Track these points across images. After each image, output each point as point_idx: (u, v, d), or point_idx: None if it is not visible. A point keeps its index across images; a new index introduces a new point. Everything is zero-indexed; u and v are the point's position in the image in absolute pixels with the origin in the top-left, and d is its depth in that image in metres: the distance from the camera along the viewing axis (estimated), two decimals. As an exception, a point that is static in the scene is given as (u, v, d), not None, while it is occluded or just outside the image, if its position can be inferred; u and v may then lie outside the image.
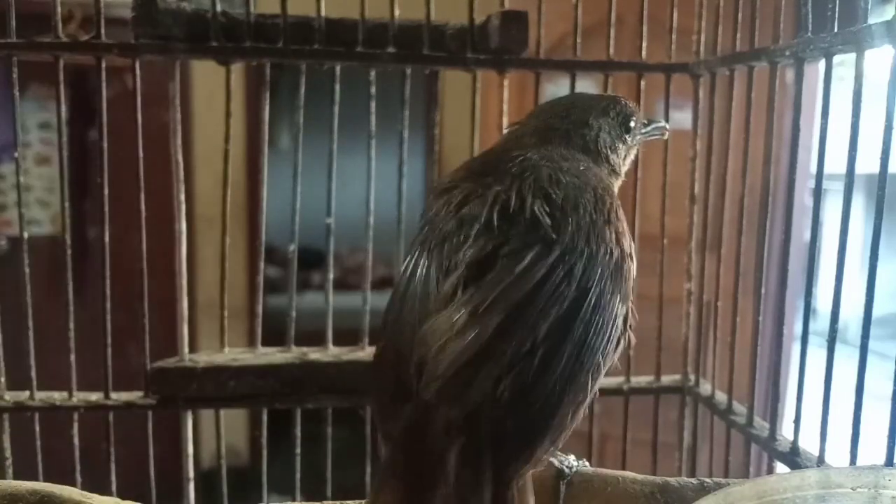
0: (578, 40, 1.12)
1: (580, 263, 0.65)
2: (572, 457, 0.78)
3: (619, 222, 0.72)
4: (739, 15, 1.03)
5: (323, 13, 1.06)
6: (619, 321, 0.67)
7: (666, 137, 0.97)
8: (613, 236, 0.69)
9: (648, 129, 0.91)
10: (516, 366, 0.60)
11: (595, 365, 0.64)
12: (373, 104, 1.11)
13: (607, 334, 0.65)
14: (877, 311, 0.78)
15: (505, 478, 0.59)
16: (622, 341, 0.69)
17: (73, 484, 0.85)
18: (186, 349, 1.11)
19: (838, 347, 0.82)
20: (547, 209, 0.68)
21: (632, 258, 0.71)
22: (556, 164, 0.73)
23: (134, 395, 1.09)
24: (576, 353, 0.62)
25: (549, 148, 0.77)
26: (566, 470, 0.76)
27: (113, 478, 1.06)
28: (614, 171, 0.84)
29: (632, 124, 0.86)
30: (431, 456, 0.58)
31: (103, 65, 1.02)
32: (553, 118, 0.84)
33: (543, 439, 0.61)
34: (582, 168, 0.75)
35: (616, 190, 0.83)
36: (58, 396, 1.07)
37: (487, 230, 0.67)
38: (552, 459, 0.76)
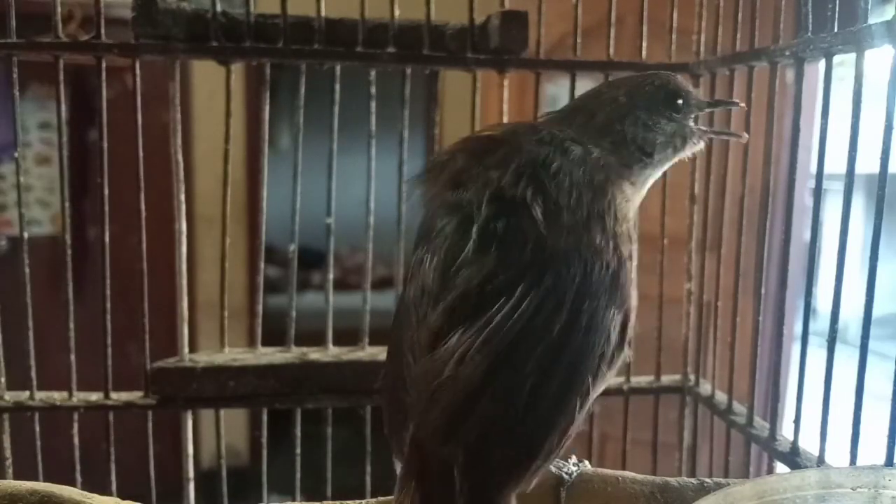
0: (578, 40, 1.12)
1: (572, 289, 0.62)
2: (573, 459, 0.78)
3: (619, 224, 0.67)
4: (739, 15, 1.03)
5: (323, 13, 1.06)
6: (614, 335, 0.65)
7: (743, 140, 0.87)
8: (611, 244, 0.65)
9: (715, 131, 0.83)
10: (504, 405, 0.60)
11: (585, 388, 0.63)
12: (373, 104, 1.11)
13: (598, 353, 0.63)
14: (877, 311, 0.78)
15: (497, 497, 0.60)
16: (619, 354, 0.66)
17: (73, 484, 0.85)
18: (186, 349, 1.11)
19: (838, 347, 0.82)
20: (540, 205, 0.64)
21: (630, 259, 0.68)
22: (561, 148, 0.69)
23: (134, 395, 1.09)
24: (565, 381, 0.62)
25: (566, 127, 0.73)
26: (566, 477, 0.76)
27: (113, 478, 1.06)
28: (642, 158, 0.75)
29: (679, 101, 0.77)
30: (432, 479, 0.61)
31: (103, 65, 1.02)
32: (587, 97, 0.79)
33: (532, 464, 0.61)
34: (594, 155, 0.70)
35: (641, 179, 0.75)
36: (58, 396, 1.07)
37: (480, 247, 0.64)
38: (552, 468, 0.76)
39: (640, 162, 0.75)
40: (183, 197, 1.11)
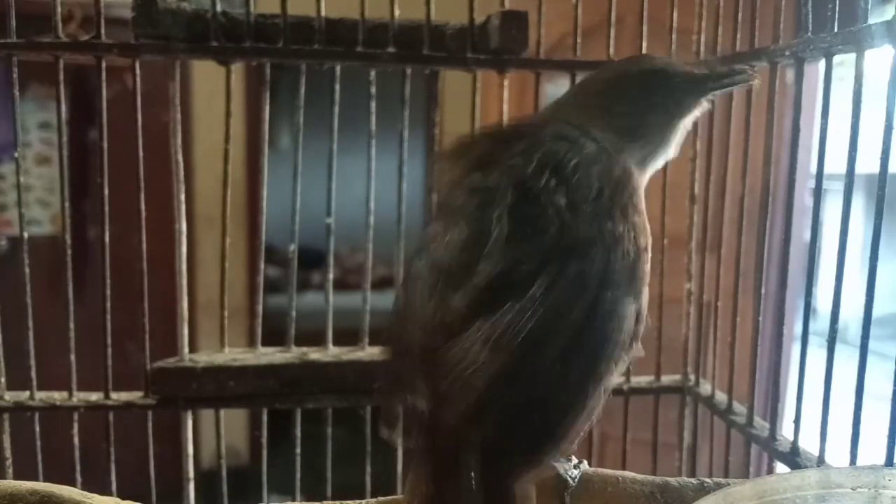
0: (578, 40, 1.12)
1: (594, 276, 0.63)
2: (574, 461, 0.78)
3: (637, 214, 0.68)
4: (739, 15, 1.03)
5: (323, 13, 1.06)
6: (630, 323, 0.66)
7: (756, 84, 0.80)
8: (631, 233, 0.67)
9: (721, 81, 0.77)
10: (530, 390, 0.61)
11: (603, 374, 0.64)
12: (373, 104, 1.11)
13: (617, 340, 0.64)
14: (877, 311, 0.78)
15: (512, 482, 0.61)
16: (632, 342, 0.67)
17: (73, 484, 0.85)
18: (186, 349, 1.11)
19: (838, 347, 0.82)
20: (564, 197, 0.65)
21: (646, 250, 0.69)
22: (577, 144, 0.69)
23: (134, 395, 1.09)
24: (586, 367, 0.63)
25: (572, 118, 0.73)
26: (570, 481, 0.76)
27: (113, 478, 1.06)
28: (637, 141, 0.75)
29: (669, 81, 0.76)
30: (449, 462, 0.61)
31: (103, 65, 1.02)
32: (578, 87, 0.81)
33: (551, 449, 0.63)
34: (607, 148, 0.71)
35: (644, 162, 0.76)
36: (58, 396, 1.07)
37: (506, 234, 0.64)
38: (558, 467, 0.76)
39: (637, 143, 0.75)
40: (183, 197, 1.11)
